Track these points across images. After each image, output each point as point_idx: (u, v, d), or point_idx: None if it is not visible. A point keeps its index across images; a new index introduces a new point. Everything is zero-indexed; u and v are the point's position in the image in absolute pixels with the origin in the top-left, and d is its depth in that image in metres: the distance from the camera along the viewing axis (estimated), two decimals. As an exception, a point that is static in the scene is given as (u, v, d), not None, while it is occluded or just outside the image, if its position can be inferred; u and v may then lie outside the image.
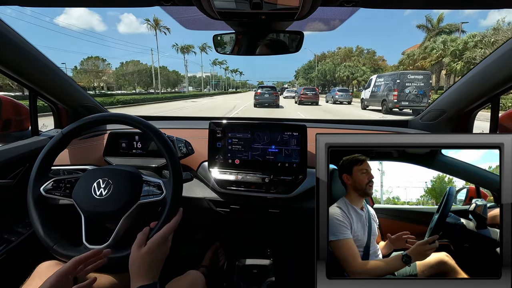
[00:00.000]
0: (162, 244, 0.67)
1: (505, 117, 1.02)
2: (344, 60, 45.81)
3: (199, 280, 0.84)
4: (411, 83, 12.65)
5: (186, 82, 59.89)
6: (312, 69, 55.37)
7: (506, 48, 0.86)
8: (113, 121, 0.85)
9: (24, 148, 1.07)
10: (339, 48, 50.58)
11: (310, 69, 57.67)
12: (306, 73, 59.06)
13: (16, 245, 0.97)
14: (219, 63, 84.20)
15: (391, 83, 13.35)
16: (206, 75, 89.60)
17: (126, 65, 47.22)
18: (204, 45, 60.48)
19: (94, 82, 41.95)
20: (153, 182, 0.79)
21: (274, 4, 0.72)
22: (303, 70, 61.88)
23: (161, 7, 0.80)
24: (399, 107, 12.90)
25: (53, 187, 0.79)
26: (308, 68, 58.79)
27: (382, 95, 14.15)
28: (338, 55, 49.38)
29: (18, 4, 0.80)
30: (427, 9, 0.80)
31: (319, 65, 50.36)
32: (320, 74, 47.81)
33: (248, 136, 1.03)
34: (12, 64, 0.97)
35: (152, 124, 0.81)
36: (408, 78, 12.87)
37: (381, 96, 14.25)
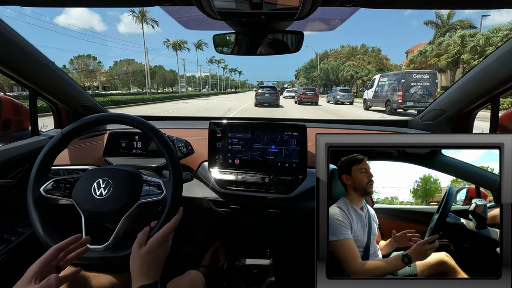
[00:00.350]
0: (163, 243, 0.67)
1: (505, 117, 1.02)
2: (348, 59, 43.06)
3: (199, 280, 0.84)
4: (416, 83, 12.28)
5: (183, 81, 56.91)
6: (314, 68, 53.13)
7: (506, 48, 0.86)
8: (113, 121, 0.85)
9: (24, 148, 1.07)
10: (343, 46, 47.67)
11: (311, 68, 55.59)
12: (308, 72, 57.08)
13: (16, 245, 0.97)
14: (217, 61, 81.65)
15: (396, 83, 12.96)
16: (206, 75, 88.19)
17: (120, 64, 46.10)
18: (199, 42, 57.83)
19: (85, 82, 40.84)
20: (153, 182, 0.79)
21: (274, 4, 0.72)
22: (304, 70, 60.07)
23: (161, 7, 0.80)
24: (404, 108, 12.47)
25: (53, 187, 0.79)
26: (310, 67, 56.76)
27: (386, 95, 13.73)
28: (341, 53, 46.45)
29: (18, 4, 0.80)
30: (427, 9, 0.80)
31: (321, 63, 48.10)
32: (322, 73, 45.88)
33: (248, 136, 1.03)
34: (12, 64, 0.97)
35: (152, 124, 0.81)
36: (414, 77, 12.41)
37: (385, 96, 13.82)
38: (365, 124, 1.41)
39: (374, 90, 15.08)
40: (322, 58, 51.00)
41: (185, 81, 56.37)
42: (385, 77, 14.59)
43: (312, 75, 52.94)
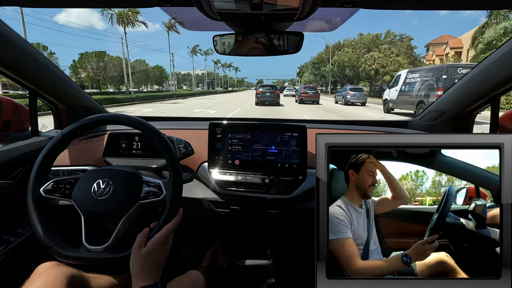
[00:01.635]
0: (163, 244, 0.67)
1: (505, 118, 1.02)
2: (369, 50, 33.34)
3: (200, 280, 0.84)
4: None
5: (173, 79, 49.30)
6: (324, 62, 43.78)
7: (506, 49, 0.86)
8: (113, 121, 0.85)
9: (24, 149, 1.07)
10: (361, 35, 35.92)
11: (320, 63, 45.92)
12: (316, 67, 47.19)
13: (16, 246, 0.96)
14: (205, 52, 67.60)
15: (432, 80, 10.46)
16: (202, 73, 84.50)
17: (86, 57, 37.33)
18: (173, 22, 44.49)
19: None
20: (153, 182, 0.79)
21: (274, 5, 0.72)
22: (312, 65, 50.21)
23: (161, 8, 0.80)
24: (445, 110, 10.23)
25: (53, 188, 0.79)
26: (319, 62, 46.74)
27: (417, 95, 11.16)
28: (361, 43, 35.01)
29: (18, 5, 0.80)
30: (426, 9, 0.80)
31: (335, 55, 38.39)
32: (336, 67, 37.78)
33: (248, 136, 1.03)
34: (11, 64, 0.97)
35: (152, 124, 0.81)
36: (459, 72, 9.81)
37: (416, 96, 11.27)
38: (365, 125, 1.41)
39: (400, 88, 12.57)
40: (334, 50, 40.33)
41: (175, 78, 48.24)
42: (415, 73, 11.95)
43: (323, 70, 43.69)
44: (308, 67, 54.58)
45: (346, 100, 18.07)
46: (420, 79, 11.38)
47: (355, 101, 17.87)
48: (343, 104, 18.25)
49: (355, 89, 18.90)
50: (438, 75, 10.41)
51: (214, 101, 25.57)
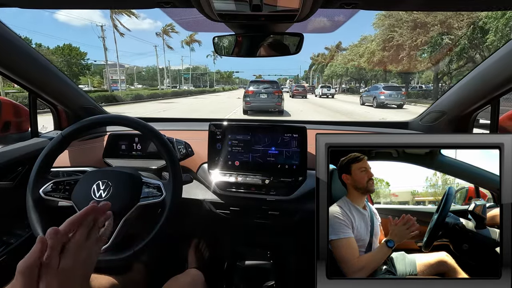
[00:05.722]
0: (81, 250, 0.46)
1: (505, 119, 1.03)
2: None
3: (199, 278, 0.84)
4: None
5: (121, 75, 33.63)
6: (354, 55, 28.49)
7: (506, 50, 0.86)
8: (112, 123, 0.85)
9: (23, 150, 1.07)
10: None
11: (354, 55, 28.56)
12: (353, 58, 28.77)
13: (15, 247, 0.96)
14: (172, 30, 36.84)
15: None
16: (186, 67, 63.03)
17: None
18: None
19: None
20: (152, 183, 0.79)
21: (274, 6, 0.72)
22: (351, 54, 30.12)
23: (161, 9, 0.81)
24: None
25: (53, 189, 0.79)
26: (354, 55, 28.74)
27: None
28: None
29: (18, 6, 0.80)
30: (426, 11, 0.80)
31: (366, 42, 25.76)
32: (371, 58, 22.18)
33: (248, 137, 1.03)
34: (11, 65, 0.97)
35: (151, 125, 0.81)
36: None
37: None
38: (365, 126, 1.40)
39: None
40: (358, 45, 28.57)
41: (119, 74, 32.97)
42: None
43: (352, 64, 29.02)
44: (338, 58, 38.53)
45: (379, 102, 14.25)
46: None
47: (391, 102, 14.18)
48: (375, 106, 14.51)
49: (391, 87, 14.89)
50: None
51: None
